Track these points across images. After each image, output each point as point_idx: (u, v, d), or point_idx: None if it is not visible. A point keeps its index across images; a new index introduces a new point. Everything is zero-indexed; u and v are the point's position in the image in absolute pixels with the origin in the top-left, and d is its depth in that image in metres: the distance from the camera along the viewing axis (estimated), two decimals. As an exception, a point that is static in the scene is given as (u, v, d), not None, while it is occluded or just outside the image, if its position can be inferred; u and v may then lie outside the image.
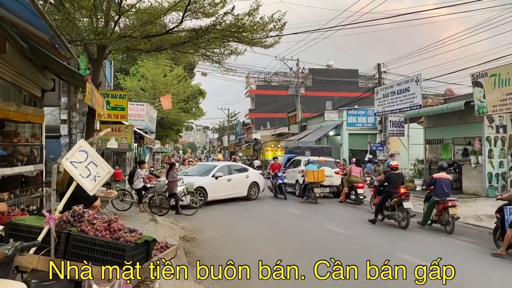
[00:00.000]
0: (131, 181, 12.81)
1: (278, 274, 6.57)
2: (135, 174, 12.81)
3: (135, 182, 12.69)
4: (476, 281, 6.51)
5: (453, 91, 30.72)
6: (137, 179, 12.68)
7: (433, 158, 20.80)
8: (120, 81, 30.09)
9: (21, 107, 6.97)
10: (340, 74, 43.50)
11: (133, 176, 12.79)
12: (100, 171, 3.04)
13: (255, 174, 17.51)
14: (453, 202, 9.99)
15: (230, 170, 16.49)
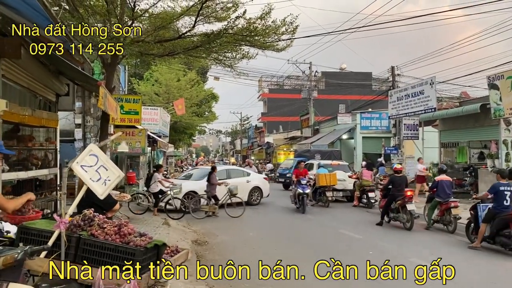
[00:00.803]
0: (148, 184, 12.76)
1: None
2: (152, 178, 12.75)
3: (152, 186, 12.64)
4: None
5: (468, 94, 30.28)
6: (154, 182, 12.62)
7: (448, 161, 20.49)
8: (134, 85, 30.37)
9: (35, 112, 7.05)
10: (354, 77, 43.25)
11: (150, 180, 12.75)
12: (110, 174, 3.04)
13: (257, 179, 16.84)
14: (455, 203, 10.44)
15: (228, 174, 15.99)
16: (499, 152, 15.68)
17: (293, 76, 47.15)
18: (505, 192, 8.51)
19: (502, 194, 8.51)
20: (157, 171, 13.13)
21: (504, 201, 8.46)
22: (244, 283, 6.27)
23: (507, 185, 8.62)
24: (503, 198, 8.48)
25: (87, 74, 9.14)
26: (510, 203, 8.46)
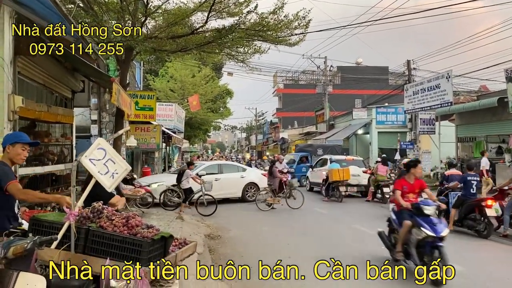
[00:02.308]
0: (179, 180, 12.79)
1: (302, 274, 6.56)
2: (184, 174, 12.60)
3: (183, 182, 12.58)
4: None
5: (487, 88, 29.69)
6: (185, 179, 12.55)
7: (465, 156, 20.18)
8: (150, 82, 30.65)
9: (51, 108, 7.21)
10: (370, 72, 42.82)
11: (182, 176, 12.68)
12: (118, 168, 3.12)
13: (253, 175, 16.48)
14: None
15: (220, 169, 15.78)
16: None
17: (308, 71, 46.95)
18: (472, 181, 9.74)
19: (469, 183, 9.74)
20: (188, 168, 13.02)
21: (471, 189, 9.71)
22: (254, 277, 6.31)
23: (473, 176, 9.89)
24: (470, 187, 9.71)
25: (101, 70, 9.28)
26: (476, 191, 9.78)
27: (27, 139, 3.53)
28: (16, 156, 3.44)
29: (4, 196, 3.24)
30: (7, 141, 3.47)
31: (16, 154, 3.43)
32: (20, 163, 3.59)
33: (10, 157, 3.44)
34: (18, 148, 3.43)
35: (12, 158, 3.44)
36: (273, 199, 13.78)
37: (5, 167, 3.34)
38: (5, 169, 3.32)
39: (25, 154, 3.49)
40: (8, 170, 3.34)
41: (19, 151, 3.43)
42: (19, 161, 3.54)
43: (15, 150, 3.42)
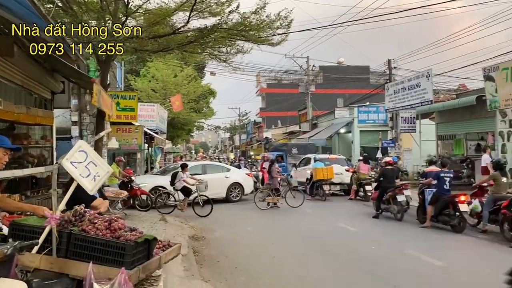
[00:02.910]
0: (172, 183, 12.82)
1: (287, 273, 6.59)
2: (177, 177, 12.78)
3: (177, 184, 12.70)
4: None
5: (466, 86, 30.27)
6: (178, 181, 12.70)
7: (446, 154, 20.54)
8: (131, 82, 30.32)
9: (30, 110, 7.07)
10: (351, 71, 43.22)
11: (175, 178, 12.80)
12: (99, 170, 3.08)
13: (238, 175, 16.40)
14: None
15: (204, 169, 15.82)
16: (495, 143, 15.74)
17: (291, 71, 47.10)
18: (445, 178, 10.00)
19: (442, 180, 10.00)
20: (182, 170, 13.08)
21: (445, 186, 9.97)
22: (240, 277, 6.32)
23: (447, 172, 10.12)
24: (444, 183, 9.97)
25: (81, 71, 9.13)
26: (450, 187, 10.01)
27: (9, 144, 3.43)
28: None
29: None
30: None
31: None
32: (0, 168, 3.49)
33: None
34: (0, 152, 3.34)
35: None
36: (272, 198, 13.94)
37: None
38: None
39: (6, 159, 3.38)
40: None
41: (0, 156, 3.33)
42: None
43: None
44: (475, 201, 9.97)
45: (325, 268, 6.82)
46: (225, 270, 6.70)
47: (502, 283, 5.94)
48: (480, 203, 9.83)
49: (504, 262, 7.26)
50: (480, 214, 9.72)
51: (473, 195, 10.23)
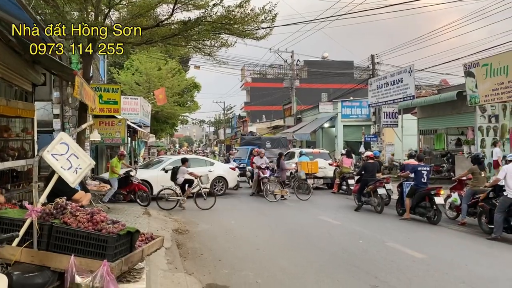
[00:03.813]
0: (174, 178, 12.74)
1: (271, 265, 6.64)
2: (179, 172, 12.77)
3: (179, 179, 12.70)
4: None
5: (448, 82, 30.75)
6: (181, 175, 12.74)
7: (427, 148, 20.90)
8: (114, 75, 29.95)
9: (10, 102, 6.95)
10: (335, 66, 43.44)
11: (176, 174, 12.75)
12: (81, 163, 3.06)
13: (221, 169, 16.29)
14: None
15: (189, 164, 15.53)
16: (475, 138, 16.06)
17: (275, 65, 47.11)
18: (422, 171, 10.41)
19: (420, 173, 10.41)
20: (183, 165, 13.09)
21: (422, 179, 10.37)
22: (223, 269, 6.36)
23: (424, 166, 10.61)
24: (421, 176, 10.38)
25: (62, 63, 9.00)
26: (427, 181, 10.43)
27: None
28: None
29: None
30: None
31: None
32: None
33: None
34: None
35: None
36: (281, 190, 14.17)
37: None
38: None
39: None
40: None
41: None
42: None
43: None
44: (455, 194, 10.31)
45: (308, 260, 6.90)
46: (209, 263, 6.73)
47: (480, 274, 6.12)
48: (459, 196, 10.10)
49: (482, 254, 7.48)
50: (459, 207, 9.98)
51: (453, 189, 10.58)
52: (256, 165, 15.56)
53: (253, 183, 16.14)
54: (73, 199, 3.70)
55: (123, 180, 12.80)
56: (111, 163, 13.22)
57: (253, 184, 16.10)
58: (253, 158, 17.12)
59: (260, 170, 15.12)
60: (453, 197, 10.34)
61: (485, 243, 8.17)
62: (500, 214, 8.23)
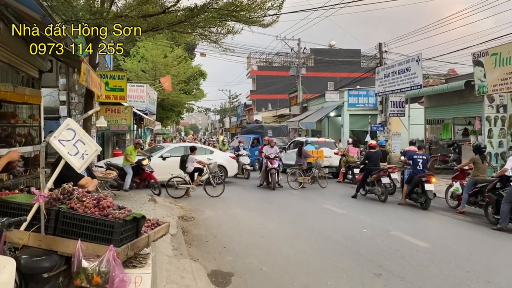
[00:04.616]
0: (183, 167, 12.76)
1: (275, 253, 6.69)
2: (188, 160, 12.79)
3: (188, 167, 12.73)
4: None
5: (456, 71, 30.44)
6: (190, 164, 12.77)
7: (433, 138, 20.79)
8: (120, 62, 29.93)
9: (17, 88, 6.97)
10: (343, 54, 43.08)
11: (185, 162, 12.77)
12: (87, 149, 3.08)
13: (221, 157, 16.07)
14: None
15: (186, 151, 15.22)
16: (482, 128, 15.94)
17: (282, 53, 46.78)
18: (418, 159, 10.98)
19: (416, 161, 10.99)
20: (192, 153, 13.12)
21: (418, 167, 10.95)
22: (228, 256, 6.41)
23: (420, 155, 11.16)
24: (417, 164, 10.96)
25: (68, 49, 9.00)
26: (423, 168, 10.94)
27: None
28: None
29: None
30: None
31: None
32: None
33: None
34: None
35: None
36: (303, 178, 14.41)
37: None
38: None
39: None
40: None
41: None
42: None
43: None
44: (456, 183, 10.40)
45: (312, 248, 6.93)
46: (214, 250, 6.78)
47: (484, 263, 6.12)
48: (461, 185, 10.18)
49: (487, 244, 7.48)
50: (461, 196, 10.07)
51: (455, 178, 10.66)
52: (265, 154, 14.90)
53: (261, 173, 15.44)
54: (79, 184, 3.73)
55: (135, 169, 12.80)
56: (126, 151, 13.25)
57: (260, 174, 15.38)
58: (262, 148, 16.61)
59: (268, 160, 14.45)
60: (454, 187, 10.43)
61: (490, 233, 8.16)
62: (507, 204, 8.21)
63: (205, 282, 5.25)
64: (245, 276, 5.52)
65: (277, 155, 14.84)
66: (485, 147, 10.85)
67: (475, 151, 10.09)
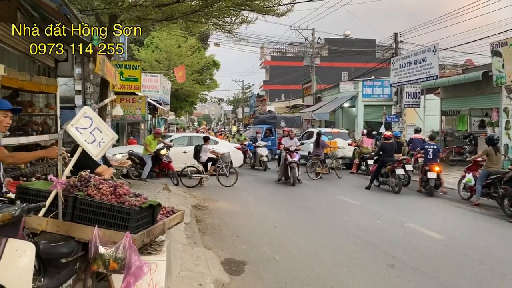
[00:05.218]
0: (197, 157, 12.83)
1: (288, 243, 6.71)
2: (202, 150, 12.88)
3: (202, 157, 12.82)
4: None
5: (473, 62, 29.88)
6: (204, 153, 12.86)
7: (449, 129, 20.52)
8: (134, 52, 30.06)
9: (34, 77, 7.06)
10: (357, 44, 42.59)
11: (199, 152, 12.84)
12: (104, 137, 3.11)
13: (226, 148, 15.54)
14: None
15: (190, 141, 15.41)
16: (499, 120, 15.66)
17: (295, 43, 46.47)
18: (429, 149, 11.68)
19: (427, 151, 11.74)
20: (205, 143, 13.22)
21: (428, 156, 11.66)
22: (241, 245, 6.45)
23: (431, 145, 11.84)
24: (428, 153, 11.67)
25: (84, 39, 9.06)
26: (433, 157, 11.59)
27: (8, 106, 3.44)
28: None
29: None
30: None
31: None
32: (3, 131, 3.50)
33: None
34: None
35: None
36: (321, 168, 14.43)
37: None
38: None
39: (8, 121, 3.42)
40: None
41: (1, 118, 3.36)
42: (1, 129, 3.43)
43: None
44: (469, 175, 10.35)
45: (325, 239, 6.94)
46: (227, 239, 6.84)
47: (500, 256, 6.05)
48: (474, 177, 10.10)
49: (502, 236, 7.39)
50: (473, 188, 10.01)
51: (468, 169, 10.60)
52: (284, 147, 13.52)
53: (279, 167, 14.11)
54: (95, 172, 3.77)
55: (154, 158, 12.81)
56: (145, 140, 13.26)
57: (279, 168, 14.07)
58: (281, 139, 15.31)
59: (288, 153, 13.10)
60: (467, 178, 10.39)
61: (505, 225, 8.07)
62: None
63: (218, 270, 5.30)
64: (258, 265, 5.56)
65: (297, 147, 13.57)
66: (498, 139, 10.76)
67: (488, 143, 10.08)
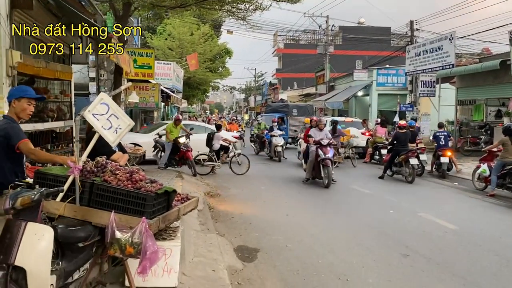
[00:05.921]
0: (209, 144, 12.86)
1: (300, 231, 6.72)
2: (215, 138, 12.89)
3: (215, 145, 12.83)
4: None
5: (490, 50, 29.26)
6: (216, 141, 12.87)
7: (464, 119, 20.23)
8: (147, 40, 30.08)
9: (49, 64, 7.12)
10: (372, 32, 42.01)
11: (212, 140, 12.86)
12: (121, 123, 3.13)
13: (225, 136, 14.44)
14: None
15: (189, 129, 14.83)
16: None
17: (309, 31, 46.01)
18: (440, 136, 12.64)
19: (438, 137, 12.67)
20: (218, 131, 13.26)
21: (440, 142, 12.56)
22: (253, 233, 6.49)
23: (442, 132, 12.84)
24: (439, 140, 12.59)
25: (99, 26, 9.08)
26: (445, 143, 12.52)
27: (33, 94, 3.44)
28: (22, 111, 3.34)
29: (15, 153, 3.24)
30: (13, 96, 3.37)
31: (22, 109, 3.33)
32: (26, 119, 3.50)
33: (16, 112, 3.34)
34: (23, 103, 3.33)
35: (18, 114, 3.35)
36: (338, 157, 14.17)
37: (15, 124, 3.28)
38: (16, 127, 3.26)
39: (31, 109, 3.40)
40: (18, 128, 3.28)
41: (25, 106, 3.34)
42: (25, 117, 3.42)
43: (21, 105, 3.33)
44: (484, 165, 10.25)
45: (338, 228, 6.94)
46: (239, 226, 6.88)
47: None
48: (489, 167, 9.99)
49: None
50: (488, 178, 9.91)
51: (483, 160, 10.49)
52: (315, 140, 11.01)
53: (307, 165, 11.62)
54: (111, 159, 3.81)
55: (174, 146, 12.69)
56: (166, 128, 13.06)
57: (307, 166, 11.57)
58: (308, 130, 12.13)
59: (320, 148, 10.76)
60: (482, 168, 10.27)
61: (521, 217, 7.97)
62: None
63: (231, 257, 5.35)
64: (271, 252, 5.59)
65: (330, 140, 11.13)
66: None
67: (504, 133, 9.89)
